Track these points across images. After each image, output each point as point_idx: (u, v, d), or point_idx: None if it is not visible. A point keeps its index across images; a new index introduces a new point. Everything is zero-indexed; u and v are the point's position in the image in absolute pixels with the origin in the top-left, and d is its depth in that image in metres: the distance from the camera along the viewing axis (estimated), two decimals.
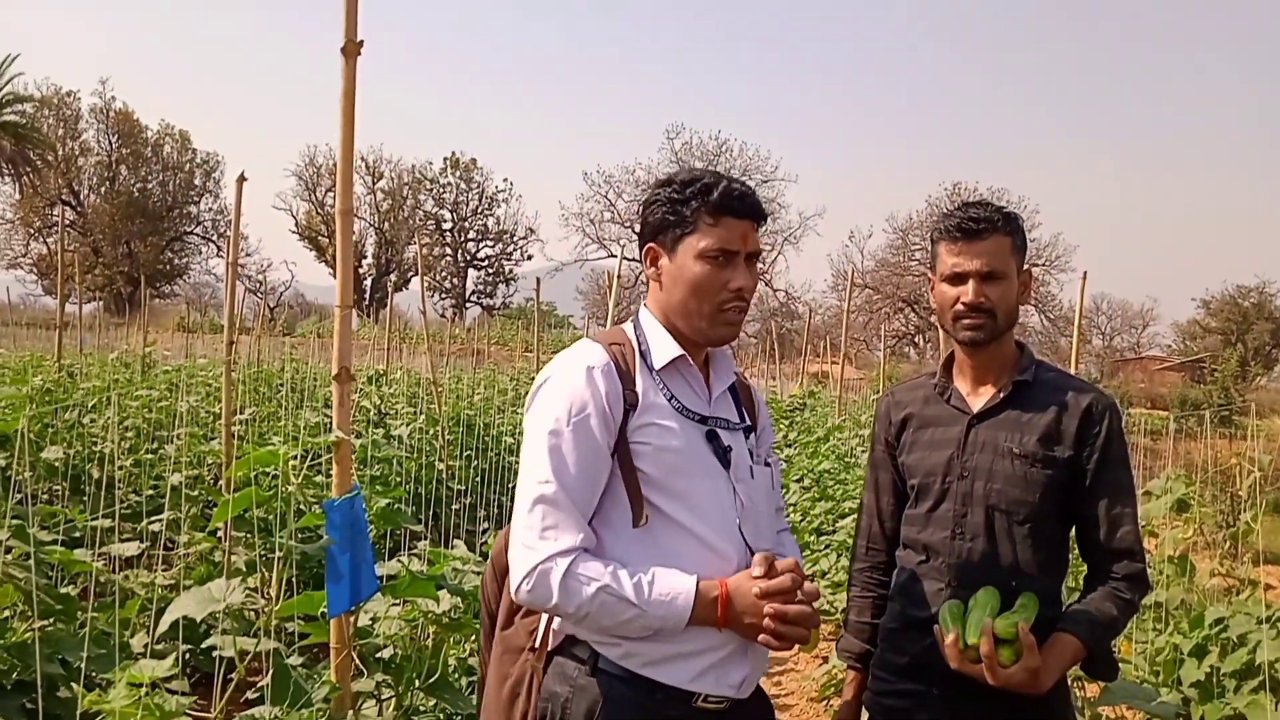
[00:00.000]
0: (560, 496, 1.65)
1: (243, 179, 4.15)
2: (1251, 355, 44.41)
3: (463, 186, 56.19)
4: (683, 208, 1.75)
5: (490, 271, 57.76)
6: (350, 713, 2.42)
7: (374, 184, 54.51)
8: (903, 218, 47.39)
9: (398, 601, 2.75)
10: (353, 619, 2.48)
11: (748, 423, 1.89)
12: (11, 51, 46.90)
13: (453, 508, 6.75)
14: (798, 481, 8.41)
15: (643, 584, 1.62)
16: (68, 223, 45.55)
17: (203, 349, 18.72)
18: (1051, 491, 1.99)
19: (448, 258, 56.21)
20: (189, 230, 53.03)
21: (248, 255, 47.91)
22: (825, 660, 4.99)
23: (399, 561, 2.86)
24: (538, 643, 1.78)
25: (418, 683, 2.70)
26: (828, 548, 6.46)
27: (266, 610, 2.51)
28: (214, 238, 52.28)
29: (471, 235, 56.75)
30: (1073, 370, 5.26)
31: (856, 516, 2.39)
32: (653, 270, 1.82)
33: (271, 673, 2.24)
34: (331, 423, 2.42)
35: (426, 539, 5.32)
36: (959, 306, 2.02)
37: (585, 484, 1.67)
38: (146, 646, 3.22)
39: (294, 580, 3.69)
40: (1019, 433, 2.02)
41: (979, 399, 2.10)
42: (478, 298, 57.79)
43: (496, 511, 7.07)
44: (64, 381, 8.34)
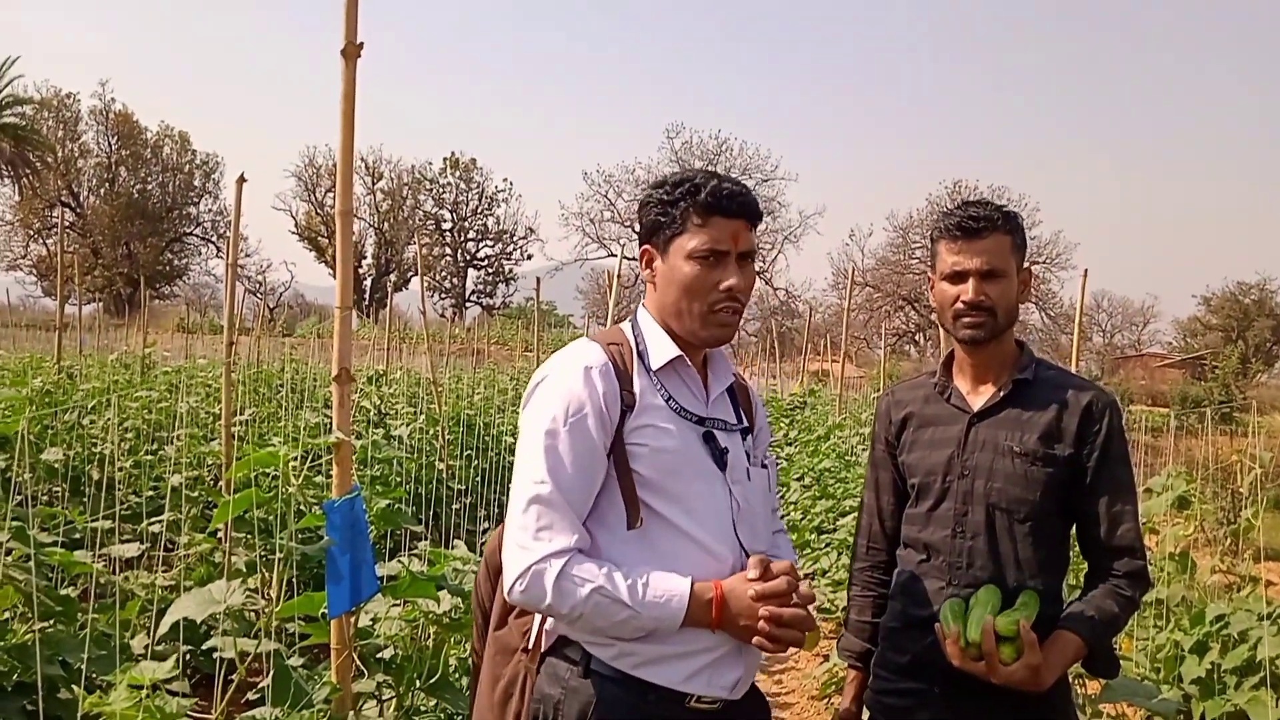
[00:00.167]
0: (555, 497, 1.64)
1: (242, 180, 4.15)
2: (1252, 352, 44.45)
3: (462, 186, 56.24)
4: (672, 208, 1.75)
5: (490, 271, 57.78)
6: (351, 713, 2.42)
7: (374, 184, 54.54)
8: (903, 216, 47.43)
9: (398, 602, 2.75)
10: (353, 620, 2.48)
11: (745, 424, 1.88)
12: (11, 54, 46.93)
13: (453, 508, 6.75)
14: (798, 480, 8.41)
15: (637, 586, 1.62)
16: (67, 224, 45.58)
17: (202, 350, 18.73)
18: (1052, 489, 1.99)
19: (447, 258, 56.22)
20: (188, 231, 53.07)
21: (247, 256, 47.96)
22: (826, 658, 4.99)
23: (399, 562, 2.85)
24: (531, 643, 1.77)
25: (418, 683, 2.71)
26: (828, 546, 6.47)
27: (267, 611, 2.51)
28: (214, 239, 52.31)
29: (471, 235, 56.77)
30: (1073, 368, 5.26)
31: (857, 515, 2.39)
32: (648, 272, 1.82)
33: (272, 674, 2.24)
34: (331, 423, 2.42)
35: (427, 539, 5.32)
36: (959, 305, 2.02)
37: (581, 485, 1.66)
38: (147, 648, 3.22)
39: (294, 581, 3.69)
40: (1019, 431, 2.02)
41: (979, 398, 2.10)
42: (478, 297, 57.81)
43: (497, 511, 7.07)
44: (64, 383, 8.35)
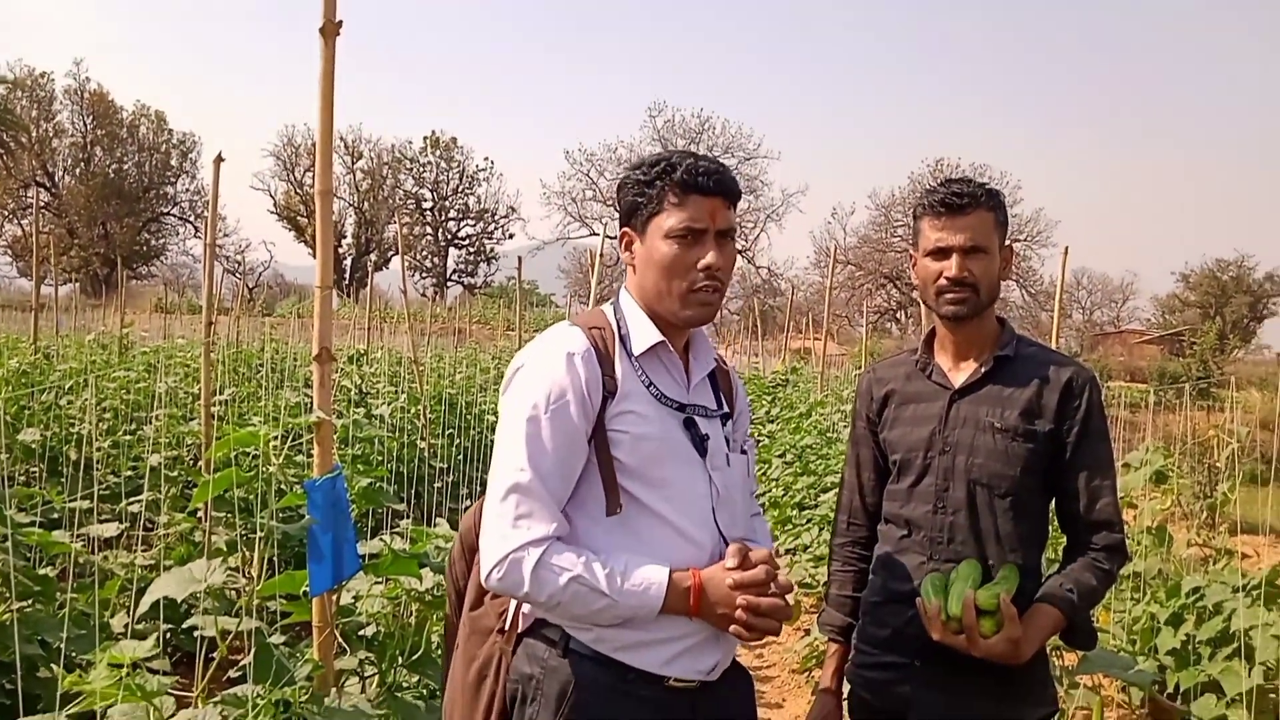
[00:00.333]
0: (535, 484, 1.63)
1: (220, 159, 4.10)
2: (1230, 328, 44.93)
3: (443, 166, 55.99)
4: (649, 188, 1.73)
5: (471, 250, 57.59)
6: (333, 690, 2.42)
7: (353, 164, 54.16)
8: (885, 194, 47.66)
9: (380, 580, 2.74)
10: (335, 597, 2.48)
11: (725, 409, 1.87)
12: None
13: (435, 486, 6.75)
14: (780, 457, 8.44)
15: (615, 574, 1.61)
16: (42, 204, 44.99)
17: (181, 330, 18.61)
18: (1032, 465, 2.00)
19: (428, 237, 55.97)
20: (166, 211, 52.63)
21: (226, 236, 47.67)
22: (807, 633, 5.03)
23: (381, 540, 2.85)
24: (507, 624, 1.76)
25: (400, 660, 2.71)
26: (809, 522, 6.50)
27: (248, 590, 2.50)
28: (191, 218, 51.89)
29: (452, 214, 56.55)
30: (1053, 345, 5.28)
31: (838, 492, 2.40)
32: (628, 254, 1.80)
33: (253, 651, 2.24)
34: (312, 403, 2.41)
35: (409, 517, 5.31)
36: (942, 281, 2.02)
37: (561, 472, 1.65)
38: (127, 627, 3.20)
39: (275, 560, 3.67)
40: (1000, 407, 2.03)
41: (960, 374, 2.10)
42: (459, 277, 57.63)
43: (479, 489, 7.05)
44: (40, 363, 8.28)
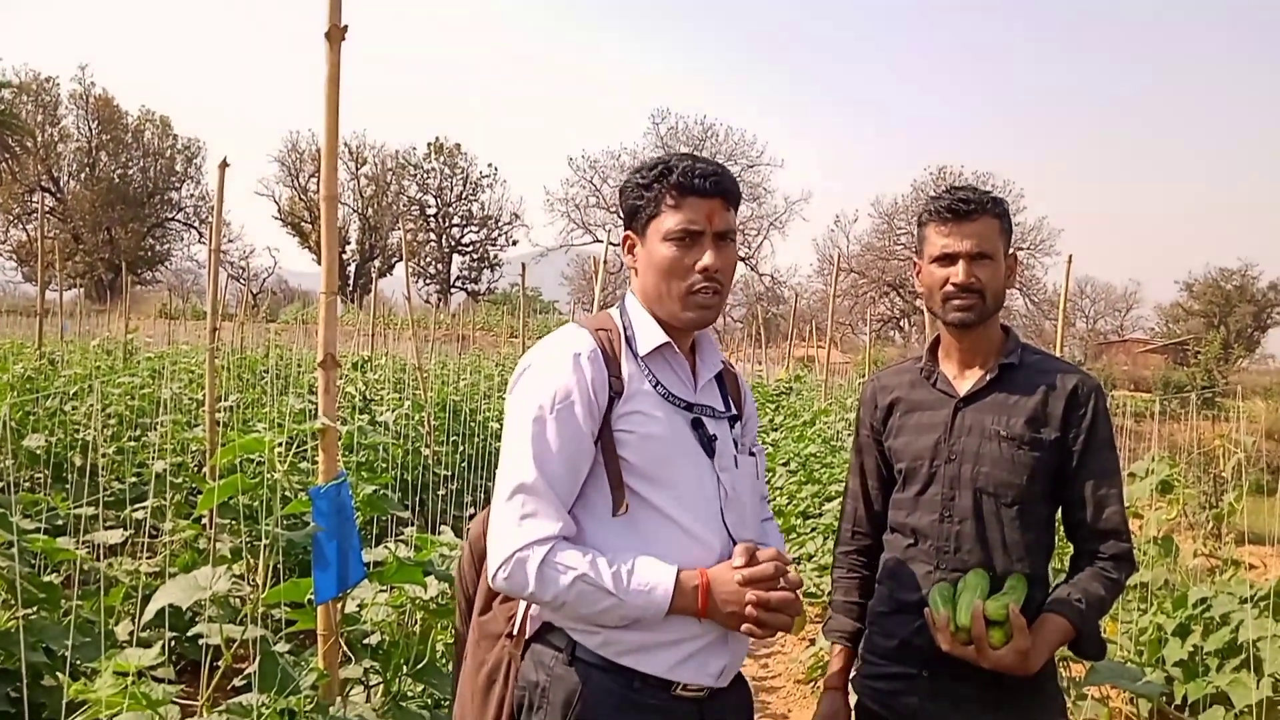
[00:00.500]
0: (540, 484, 1.63)
1: (225, 165, 4.11)
2: (1234, 337, 44.81)
3: (447, 172, 55.99)
4: (648, 191, 1.75)
5: (475, 257, 57.60)
6: (338, 699, 2.41)
7: (358, 169, 54.23)
8: (888, 202, 47.62)
9: (385, 588, 2.74)
10: (340, 605, 2.47)
11: (733, 411, 1.87)
12: None
13: (439, 493, 6.75)
14: (784, 465, 8.43)
15: (621, 573, 1.60)
16: (48, 209, 45.14)
17: (185, 335, 18.64)
18: (1038, 473, 2.00)
19: (432, 243, 56.01)
20: (170, 216, 52.70)
21: (230, 241, 47.66)
22: (812, 642, 5.02)
23: (386, 548, 2.84)
24: (516, 629, 1.76)
25: (406, 668, 2.70)
26: (814, 531, 6.49)
27: (253, 597, 2.49)
28: (196, 224, 51.97)
29: (456, 221, 56.55)
30: (1057, 353, 5.27)
31: (841, 500, 2.39)
32: (630, 258, 1.82)
33: (258, 660, 2.23)
34: (317, 409, 2.41)
35: (413, 525, 5.31)
36: (949, 287, 2.02)
37: (567, 472, 1.65)
38: (132, 634, 3.20)
39: (280, 567, 3.67)
40: (1005, 415, 2.02)
41: (965, 382, 2.10)
42: (463, 283, 57.62)
43: (483, 497, 7.06)
44: (45, 369, 8.29)
